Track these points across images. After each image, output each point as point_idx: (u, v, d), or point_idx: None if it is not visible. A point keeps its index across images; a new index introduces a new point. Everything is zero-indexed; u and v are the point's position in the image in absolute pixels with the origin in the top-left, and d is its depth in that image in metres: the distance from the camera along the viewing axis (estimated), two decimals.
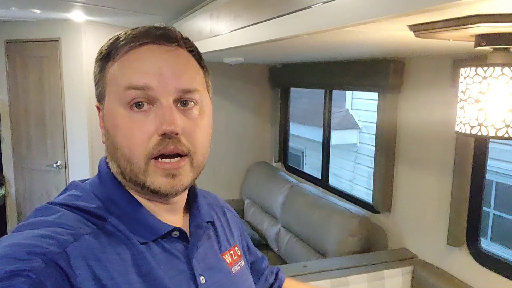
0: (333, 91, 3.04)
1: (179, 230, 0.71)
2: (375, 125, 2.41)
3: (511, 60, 0.86)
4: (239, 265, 0.81)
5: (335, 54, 2.05)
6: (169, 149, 0.64)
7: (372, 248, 2.36)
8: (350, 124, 6.32)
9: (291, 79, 3.38)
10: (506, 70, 0.82)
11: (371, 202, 2.43)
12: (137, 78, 0.63)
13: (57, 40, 3.35)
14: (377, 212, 2.40)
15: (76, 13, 2.90)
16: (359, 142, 6.38)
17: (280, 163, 3.71)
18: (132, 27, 0.69)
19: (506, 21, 0.73)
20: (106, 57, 0.67)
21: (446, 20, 0.80)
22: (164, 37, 0.66)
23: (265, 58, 2.66)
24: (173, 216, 0.73)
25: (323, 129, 3.13)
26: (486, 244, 4.83)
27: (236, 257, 0.82)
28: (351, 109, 6.48)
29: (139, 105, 0.63)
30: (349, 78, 2.53)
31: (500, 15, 0.72)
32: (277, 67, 3.51)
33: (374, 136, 2.43)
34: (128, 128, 0.63)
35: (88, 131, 3.41)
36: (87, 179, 0.73)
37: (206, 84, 0.72)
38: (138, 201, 0.69)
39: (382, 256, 2.13)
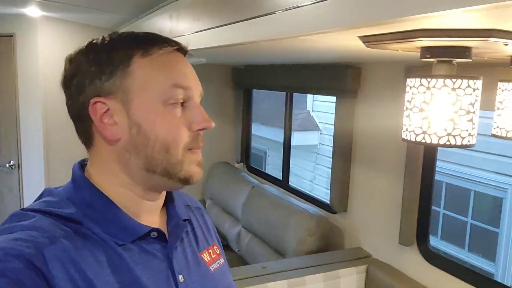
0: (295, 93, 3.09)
1: (157, 230, 0.72)
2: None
3: (453, 72, 0.92)
4: (218, 263, 0.83)
5: (295, 58, 2.08)
6: (200, 145, 0.73)
7: (329, 247, 2.42)
8: (311, 126, 6.45)
9: (253, 81, 3.41)
10: (448, 81, 0.88)
11: (329, 203, 2.50)
12: (182, 79, 0.70)
13: (11, 36, 3.21)
14: (334, 212, 2.47)
15: (31, 8, 2.80)
16: (320, 143, 6.52)
17: (242, 163, 3.72)
18: (91, 24, 0.70)
19: (446, 36, 0.78)
20: (132, 52, 0.68)
21: (393, 33, 0.84)
22: (183, 47, 0.74)
23: (228, 60, 2.67)
24: (151, 217, 0.75)
25: (284, 131, 3.18)
26: (437, 242, 5.06)
27: (215, 255, 0.84)
28: (312, 111, 6.61)
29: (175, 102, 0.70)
30: (309, 81, 2.59)
31: (441, 30, 0.77)
32: (240, 68, 3.52)
33: (332, 138, 2.49)
34: (171, 122, 0.68)
35: (43, 130, 3.29)
36: (60, 186, 0.74)
37: None
38: (115, 203, 0.70)
39: (338, 256, 2.19)
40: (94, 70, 0.68)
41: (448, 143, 0.89)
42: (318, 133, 6.50)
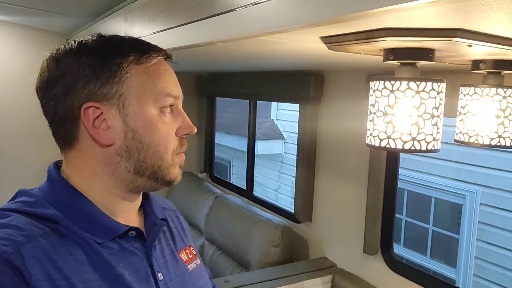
0: (260, 101, 3.05)
1: (136, 229, 0.74)
2: None
3: (417, 74, 0.89)
4: (195, 263, 0.86)
5: (257, 65, 2.04)
6: (185, 147, 0.77)
7: (294, 258, 2.37)
8: (275, 134, 6.44)
9: (217, 89, 3.34)
10: (412, 84, 0.84)
11: (293, 212, 2.45)
12: (173, 88, 0.74)
13: None
14: (298, 221, 2.42)
15: None
16: (284, 152, 6.51)
17: (205, 173, 3.63)
18: (44, 29, 0.66)
19: (410, 36, 0.74)
20: (127, 59, 0.69)
21: (356, 33, 0.81)
22: (170, 56, 0.77)
23: (189, 66, 2.59)
24: (130, 216, 0.77)
25: (248, 140, 3.12)
26: (400, 249, 5.13)
27: (191, 255, 0.86)
28: (276, 119, 6.61)
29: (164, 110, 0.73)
30: (273, 89, 2.56)
31: (405, 29, 0.74)
32: (203, 76, 3.45)
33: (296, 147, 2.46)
34: (164, 128, 0.72)
35: None
36: (34, 188, 0.74)
37: None
38: (93, 203, 0.71)
39: (303, 266, 2.14)
40: (88, 74, 0.68)
41: (413, 148, 0.86)
42: (282, 142, 6.50)
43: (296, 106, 2.42)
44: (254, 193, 3.12)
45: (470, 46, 0.79)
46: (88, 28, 2.28)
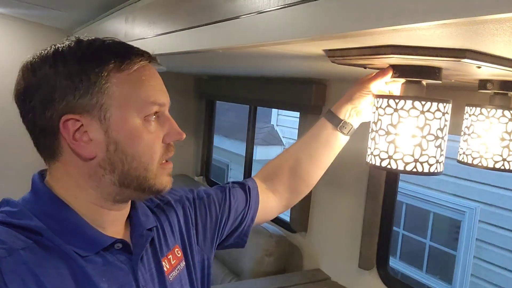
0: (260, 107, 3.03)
1: (122, 242, 0.72)
2: None
3: (423, 93, 0.86)
4: (177, 270, 0.83)
5: (259, 70, 2.01)
6: (172, 153, 0.74)
7: (287, 268, 2.33)
8: (275, 140, 6.41)
9: (217, 92, 3.31)
10: (417, 103, 0.81)
11: (289, 221, 2.42)
12: (158, 96, 0.70)
13: None
14: (293, 231, 2.39)
15: None
16: None
17: (202, 177, 3.60)
18: (44, 24, 0.64)
19: (418, 54, 0.71)
20: (106, 67, 0.66)
21: (361, 48, 0.78)
22: (153, 56, 0.72)
23: (189, 68, 2.57)
24: (116, 227, 0.75)
25: (247, 145, 3.09)
26: (395, 263, 5.09)
27: (175, 260, 0.83)
28: (276, 125, 6.58)
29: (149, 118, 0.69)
30: (273, 96, 2.52)
31: (412, 47, 0.71)
32: (203, 78, 3.42)
33: None
34: (149, 138, 0.69)
35: None
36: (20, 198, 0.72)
37: None
38: (78, 214, 0.68)
39: (296, 278, 2.10)
40: (66, 84, 0.64)
41: (415, 170, 0.82)
42: (281, 148, 6.47)
43: (297, 113, 2.39)
44: None
45: (479, 67, 0.76)
46: (89, 26, 2.26)
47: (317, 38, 0.72)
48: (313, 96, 2.16)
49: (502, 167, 1.02)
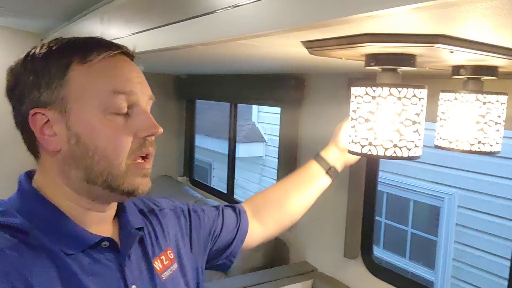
0: (241, 104, 3.03)
1: (109, 240, 0.72)
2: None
3: (398, 80, 0.88)
4: (170, 270, 0.82)
5: (237, 67, 2.01)
6: (150, 150, 0.71)
7: (275, 262, 2.34)
8: (257, 137, 6.42)
9: (196, 91, 3.30)
10: (394, 90, 0.83)
11: None
12: (122, 84, 0.67)
13: None
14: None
15: None
16: (265, 155, 6.50)
17: (185, 177, 3.58)
18: (20, 29, 0.66)
19: (392, 41, 0.73)
20: (69, 61, 0.66)
21: (338, 38, 0.79)
22: (128, 50, 0.73)
23: (168, 68, 2.55)
24: (103, 226, 0.74)
25: (229, 143, 3.10)
26: (379, 252, 5.18)
27: (167, 261, 0.83)
28: (258, 122, 6.60)
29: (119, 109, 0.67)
30: (253, 92, 2.53)
31: (387, 34, 0.72)
32: (182, 78, 3.40)
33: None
34: (112, 131, 0.66)
35: None
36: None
37: None
38: (64, 213, 0.68)
39: (283, 271, 2.12)
40: (32, 80, 0.66)
41: (394, 154, 0.84)
42: (263, 145, 6.49)
43: (277, 109, 2.41)
44: (235, 196, 3.09)
45: (452, 52, 0.78)
46: (63, 28, 2.22)
47: (294, 29, 0.73)
48: (292, 90, 2.18)
49: (478, 149, 1.06)
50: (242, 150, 5.92)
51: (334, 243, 2.04)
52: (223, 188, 3.20)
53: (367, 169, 1.89)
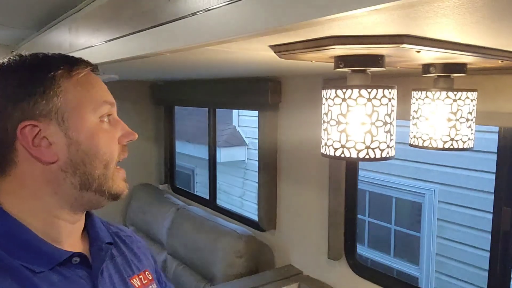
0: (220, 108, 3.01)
1: (80, 255, 0.70)
2: None
3: (368, 81, 0.88)
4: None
5: (211, 73, 2.00)
6: (126, 155, 0.75)
7: (259, 267, 2.33)
8: (238, 141, 6.39)
9: (174, 97, 3.27)
10: (363, 91, 0.83)
11: (257, 220, 2.42)
12: (107, 95, 0.73)
13: None
14: (263, 230, 2.39)
15: None
16: (247, 159, 6.48)
17: (166, 184, 3.54)
18: None
19: (358, 43, 0.73)
20: (55, 73, 0.67)
21: (305, 41, 0.78)
22: (96, 68, 0.75)
23: (142, 75, 2.52)
24: (72, 241, 0.73)
25: (209, 148, 3.07)
26: (364, 250, 5.20)
27: (146, 281, 0.82)
28: (238, 126, 6.57)
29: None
30: (231, 97, 2.52)
31: (352, 36, 0.72)
32: (159, 84, 3.36)
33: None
34: (108, 137, 0.71)
35: None
36: None
37: None
38: (29, 228, 0.67)
39: (268, 276, 2.11)
40: (19, 92, 0.65)
41: (367, 156, 0.84)
42: (245, 148, 6.46)
43: (257, 112, 2.40)
44: (217, 202, 3.07)
45: (419, 51, 0.78)
46: (33, 39, 2.16)
47: (260, 34, 0.72)
48: (269, 93, 2.18)
49: (451, 147, 1.06)
50: (223, 155, 5.89)
51: (318, 245, 2.03)
52: (207, 193, 3.17)
53: (346, 169, 1.89)
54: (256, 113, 2.48)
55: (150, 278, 0.85)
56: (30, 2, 1.71)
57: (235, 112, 6.58)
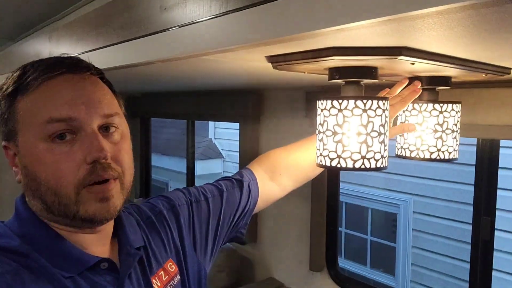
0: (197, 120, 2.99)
1: (107, 261, 0.70)
2: (238, 154, 2.41)
3: (362, 92, 0.89)
4: (170, 286, 0.81)
5: (195, 84, 1.98)
6: (103, 176, 0.65)
7: (241, 281, 2.30)
8: (214, 154, 6.37)
9: (151, 109, 3.22)
10: (359, 102, 0.84)
11: None
12: (58, 110, 0.63)
13: None
14: (243, 243, 2.37)
15: None
16: (224, 171, 6.45)
17: (141, 198, 3.46)
18: None
19: (357, 54, 0.74)
20: (14, 93, 0.65)
21: (303, 52, 0.79)
22: (78, 65, 0.68)
23: (123, 87, 2.47)
24: (101, 247, 0.72)
25: (187, 160, 3.04)
26: (342, 262, 5.25)
27: (167, 277, 0.81)
28: (215, 138, 6.55)
29: (61, 136, 0.63)
30: (211, 108, 2.51)
31: (352, 48, 0.73)
32: (135, 96, 3.31)
33: (238, 165, 2.42)
34: (53, 161, 0.63)
35: None
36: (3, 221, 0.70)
37: (121, 108, 0.76)
38: (60, 235, 0.67)
39: None
40: None
41: (363, 166, 0.85)
42: (221, 161, 6.44)
43: (234, 124, 2.40)
44: None
45: (413, 64, 0.80)
46: (8, 48, 2.10)
47: (260, 44, 0.72)
48: (250, 105, 2.18)
49: (438, 157, 1.09)
50: (200, 167, 5.83)
51: (300, 257, 2.03)
52: None
53: (328, 180, 1.91)
54: (233, 125, 2.47)
55: (173, 269, 0.83)
56: (6, 10, 1.66)
57: (211, 124, 6.56)
